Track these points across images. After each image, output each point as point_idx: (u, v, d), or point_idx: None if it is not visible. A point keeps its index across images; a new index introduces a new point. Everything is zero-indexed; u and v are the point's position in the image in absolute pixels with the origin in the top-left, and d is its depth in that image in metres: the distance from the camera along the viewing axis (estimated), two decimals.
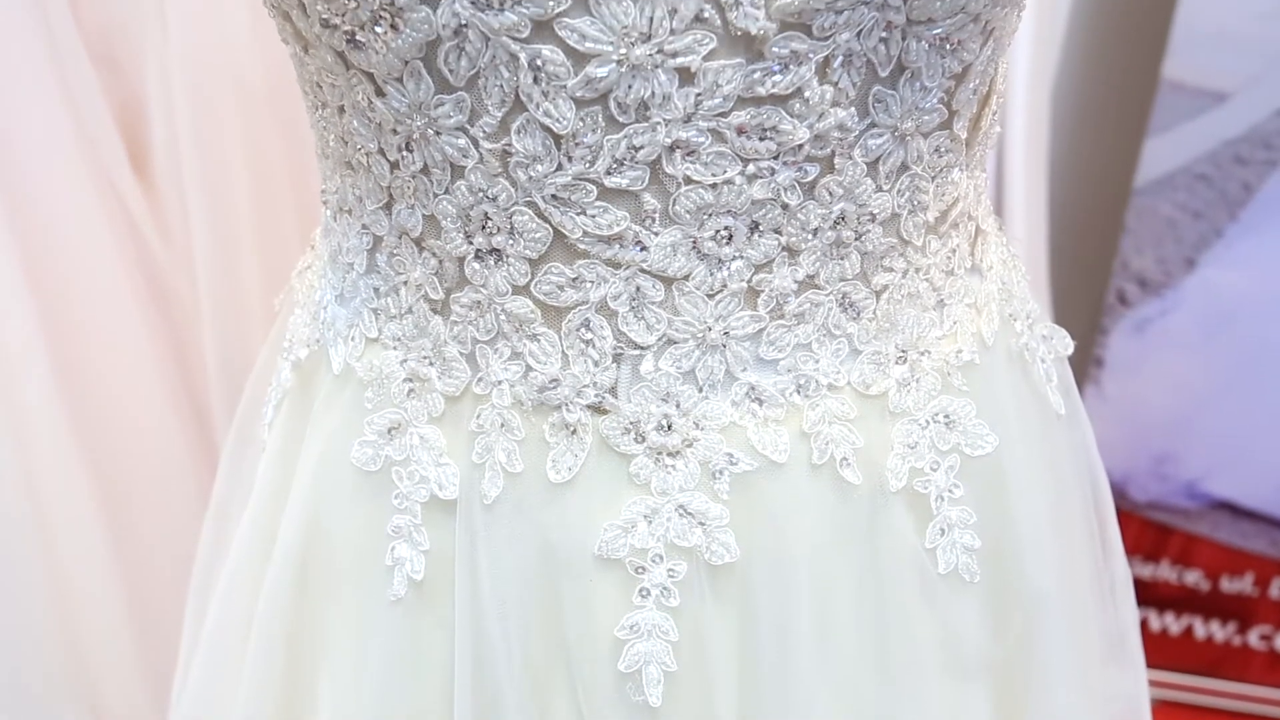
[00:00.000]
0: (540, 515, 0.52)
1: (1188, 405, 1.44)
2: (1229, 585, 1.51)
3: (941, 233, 0.53)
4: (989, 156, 0.57)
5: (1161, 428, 1.46)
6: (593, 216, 0.47)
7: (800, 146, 0.46)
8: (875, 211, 0.49)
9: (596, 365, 0.50)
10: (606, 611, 0.52)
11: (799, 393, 0.52)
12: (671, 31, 0.42)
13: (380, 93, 0.47)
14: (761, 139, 0.45)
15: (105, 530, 1.14)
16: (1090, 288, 1.56)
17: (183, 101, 1.03)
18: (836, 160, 0.47)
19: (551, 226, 0.47)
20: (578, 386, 0.50)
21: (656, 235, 0.47)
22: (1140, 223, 1.39)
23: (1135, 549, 1.52)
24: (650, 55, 0.43)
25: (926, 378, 0.54)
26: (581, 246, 0.48)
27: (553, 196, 0.47)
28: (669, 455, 0.51)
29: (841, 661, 0.54)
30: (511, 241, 0.48)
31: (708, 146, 0.45)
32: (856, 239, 0.50)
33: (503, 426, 0.52)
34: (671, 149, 0.45)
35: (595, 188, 0.46)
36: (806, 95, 0.45)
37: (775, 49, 0.43)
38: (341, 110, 0.50)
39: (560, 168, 0.46)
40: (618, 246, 0.48)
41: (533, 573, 0.53)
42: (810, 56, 0.44)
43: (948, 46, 0.46)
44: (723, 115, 0.44)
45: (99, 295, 1.10)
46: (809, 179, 0.47)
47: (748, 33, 0.43)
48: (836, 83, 0.45)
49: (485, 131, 0.46)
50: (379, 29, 0.44)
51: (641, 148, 0.45)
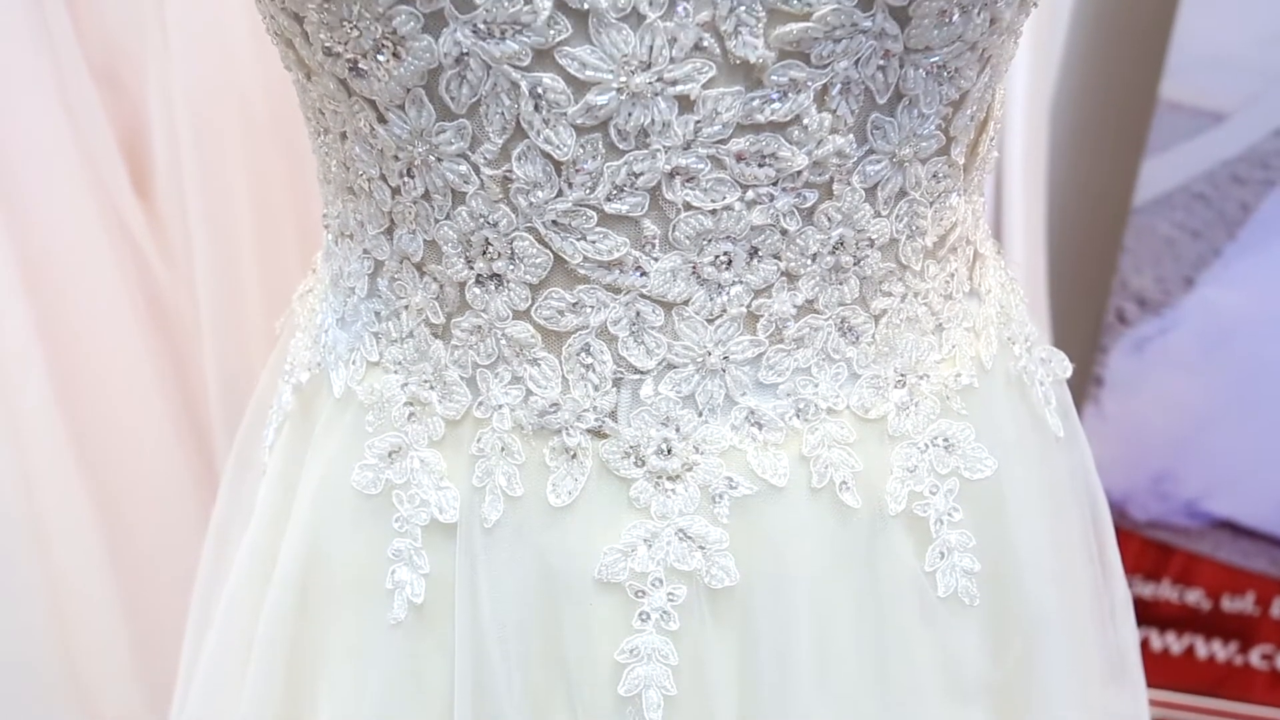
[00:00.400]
0: (540, 539, 0.52)
1: (1187, 424, 1.44)
2: (1230, 605, 1.51)
3: (940, 257, 0.53)
4: (987, 180, 0.58)
5: (1161, 446, 1.46)
6: (593, 242, 0.47)
7: (799, 173, 0.46)
8: (874, 237, 0.49)
9: (596, 390, 0.50)
10: (606, 635, 0.52)
11: (798, 417, 0.52)
12: (671, 60, 0.43)
13: (382, 119, 0.47)
14: (761, 166, 0.46)
15: (105, 548, 1.14)
16: (1089, 306, 1.56)
17: (185, 122, 1.04)
18: (835, 186, 0.47)
19: (552, 252, 0.48)
20: (578, 411, 0.51)
21: (656, 261, 0.47)
22: (1139, 242, 1.39)
23: (1136, 568, 1.52)
24: (650, 83, 0.43)
25: (925, 401, 0.54)
26: (582, 272, 0.48)
27: (553, 222, 0.47)
28: (669, 479, 0.51)
29: (841, 685, 0.54)
30: (512, 267, 0.48)
31: (707, 173, 0.45)
32: (855, 264, 0.50)
33: (503, 450, 0.52)
34: (671, 175, 0.45)
35: (595, 214, 0.46)
36: (805, 122, 0.45)
37: (774, 77, 0.43)
38: (343, 136, 0.50)
39: (561, 194, 0.46)
40: (618, 272, 0.48)
41: (533, 596, 0.53)
42: (809, 84, 0.44)
43: (945, 74, 0.46)
44: (722, 142, 0.45)
45: (100, 314, 1.11)
46: (808, 205, 0.47)
47: (747, 61, 0.43)
48: (835, 110, 0.45)
49: (486, 158, 0.46)
50: (381, 57, 0.44)
51: (641, 174, 0.45)
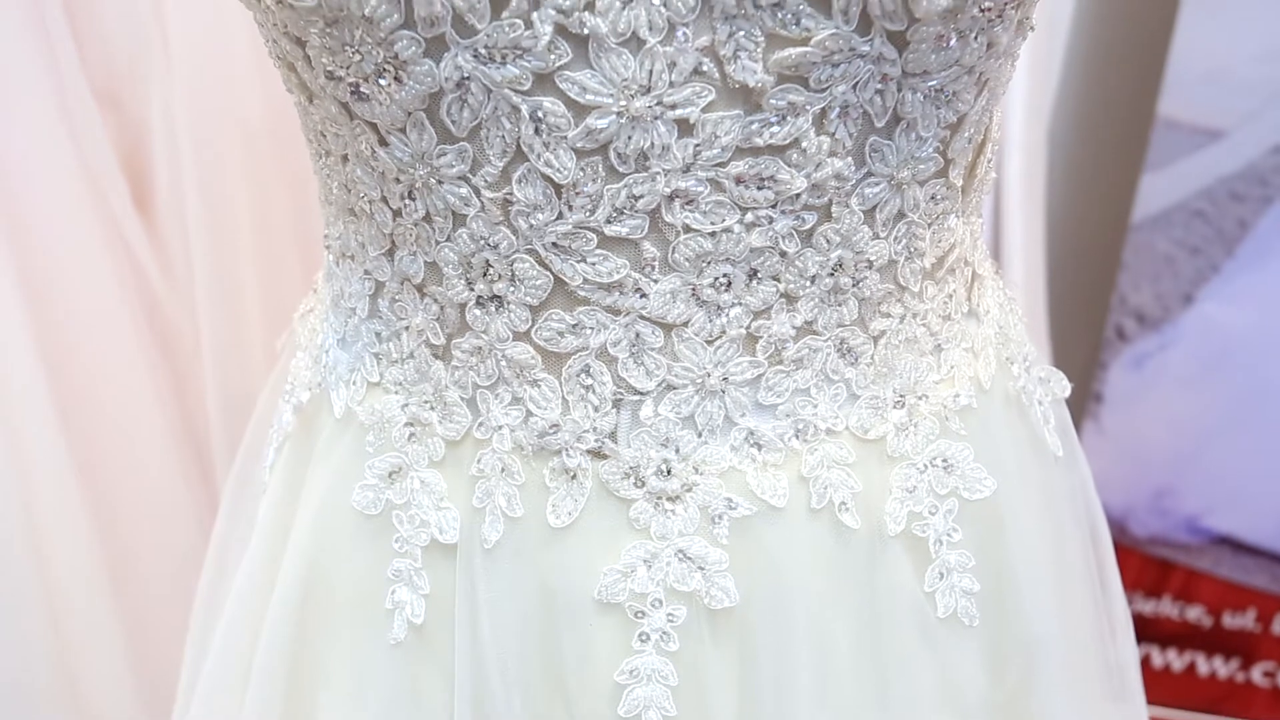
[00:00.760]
0: (540, 559, 0.52)
1: (1187, 440, 1.44)
2: (1231, 621, 1.50)
3: (938, 278, 0.54)
4: (985, 199, 0.58)
5: (1161, 463, 1.46)
6: (593, 264, 0.47)
7: (798, 195, 0.46)
8: (872, 258, 0.50)
9: (596, 410, 0.50)
10: (606, 656, 0.52)
11: (797, 437, 0.52)
12: (671, 84, 0.43)
13: (383, 142, 0.47)
14: (760, 188, 0.46)
15: (104, 565, 1.14)
16: (1089, 323, 1.57)
17: (186, 141, 1.04)
18: (834, 209, 0.48)
19: (552, 274, 0.48)
20: (578, 432, 0.51)
21: (656, 282, 0.48)
22: (1138, 258, 1.39)
23: (1136, 585, 1.52)
24: (650, 107, 0.43)
25: (924, 422, 0.54)
26: (582, 293, 0.48)
27: (553, 244, 0.47)
28: (668, 500, 0.51)
29: (841, 706, 0.54)
30: (512, 288, 0.49)
31: (707, 196, 0.46)
32: (854, 285, 0.50)
33: (503, 471, 0.52)
34: (671, 198, 0.46)
35: (595, 236, 0.47)
36: (804, 146, 0.45)
37: (773, 101, 0.44)
38: (345, 159, 0.50)
39: (561, 216, 0.46)
40: (618, 293, 0.48)
41: (532, 617, 0.53)
42: (807, 108, 0.44)
43: (943, 97, 0.47)
44: (721, 165, 0.45)
45: (100, 331, 1.11)
46: (807, 227, 0.48)
47: (746, 85, 0.43)
48: (833, 133, 0.45)
49: (487, 181, 0.46)
50: (383, 81, 0.45)
51: (641, 197, 0.45)
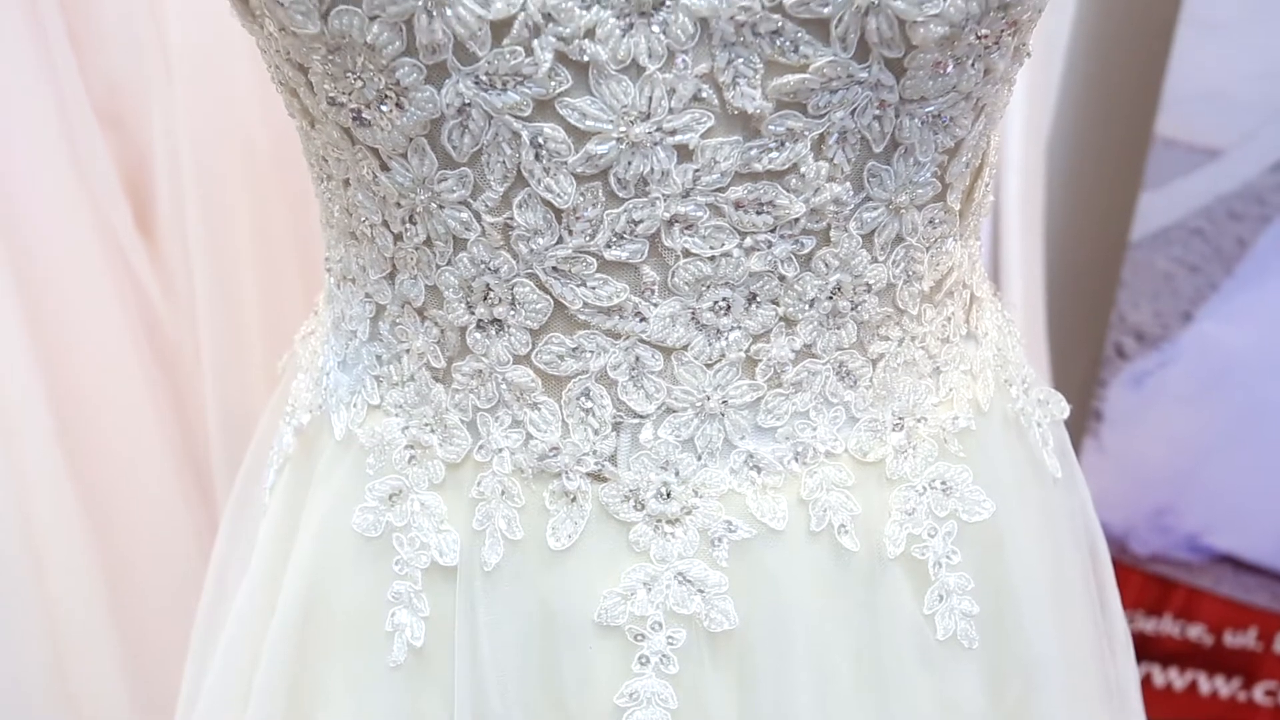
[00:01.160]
0: (540, 582, 0.52)
1: (1187, 458, 1.44)
2: (1233, 640, 1.50)
3: (937, 301, 0.54)
4: (984, 221, 0.58)
5: (1161, 481, 1.46)
6: (593, 288, 0.48)
7: (797, 220, 0.47)
8: (871, 282, 0.50)
9: (596, 434, 0.51)
10: (606, 679, 0.52)
11: (797, 460, 0.52)
12: (670, 110, 0.43)
13: (385, 167, 0.48)
14: (759, 213, 0.46)
15: (104, 584, 1.14)
16: (1088, 341, 1.57)
17: (188, 161, 1.04)
18: (832, 233, 0.48)
19: (552, 298, 0.48)
20: (578, 454, 0.51)
21: (656, 306, 0.48)
22: (1137, 277, 1.40)
23: (1137, 603, 1.51)
24: (649, 133, 0.44)
25: (923, 444, 0.54)
26: (582, 317, 0.48)
27: (553, 269, 0.47)
28: (668, 523, 0.51)
29: None
30: (513, 312, 0.49)
31: (706, 220, 0.46)
32: (853, 309, 0.50)
33: (503, 494, 0.52)
34: (670, 223, 0.46)
35: (595, 260, 0.47)
36: (802, 171, 0.45)
37: (772, 127, 0.44)
38: (346, 183, 0.51)
39: (561, 241, 0.47)
40: (617, 317, 0.48)
41: (532, 640, 0.53)
42: (806, 134, 0.45)
43: (940, 123, 0.47)
44: (720, 190, 0.45)
45: (101, 350, 1.11)
46: (805, 251, 0.48)
47: (745, 111, 0.44)
48: (832, 159, 0.46)
49: (487, 205, 0.46)
50: (385, 107, 0.45)
51: (641, 222, 0.46)
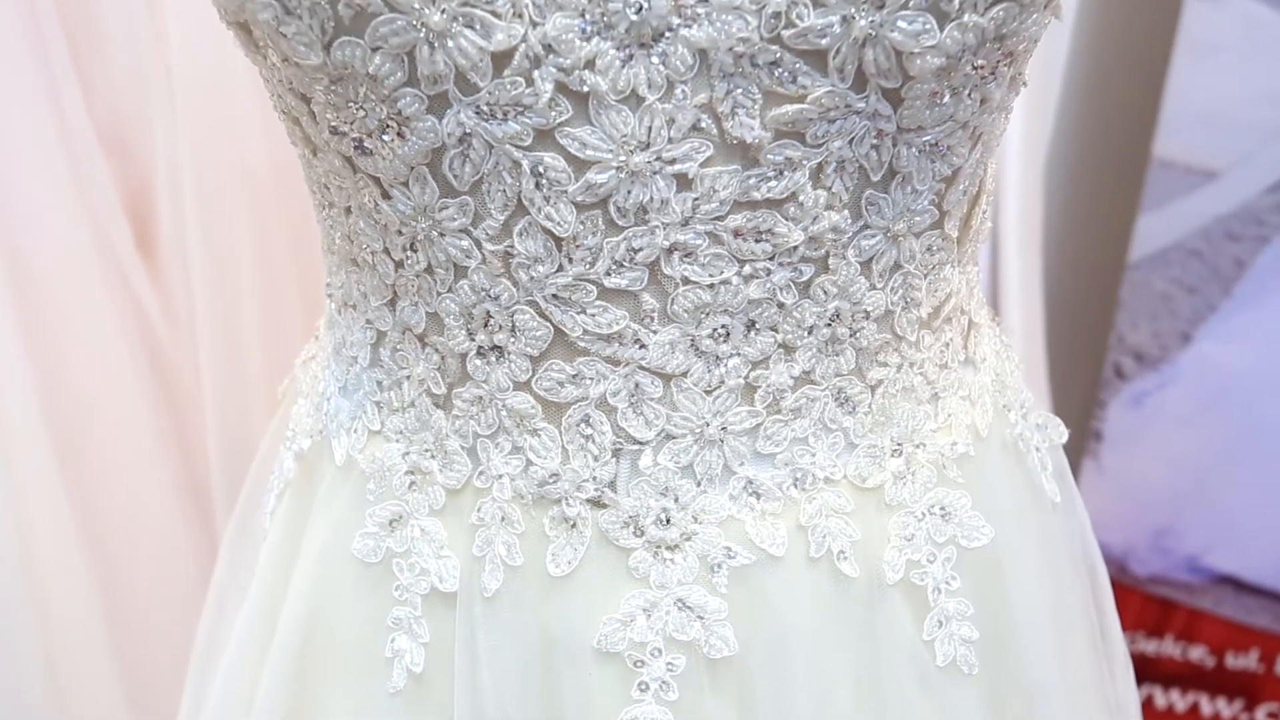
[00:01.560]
0: (540, 608, 0.52)
1: (1187, 479, 1.44)
2: (1234, 662, 1.50)
3: (935, 328, 0.54)
4: (981, 249, 0.59)
5: (1161, 501, 1.46)
6: (593, 315, 0.48)
7: (795, 248, 0.47)
8: (869, 309, 0.50)
9: (596, 460, 0.51)
10: (605, 705, 0.52)
11: (796, 486, 0.52)
12: (669, 140, 0.44)
13: (386, 196, 0.48)
14: (757, 241, 0.47)
15: (103, 608, 1.14)
16: (1087, 361, 1.57)
17: (190, 185, 1.05)
18: (831, 261, 0.48)
19: (552, 325, 0.48)
20: (577, 481, 0.51)
21: (655, 334, 0.48)
22: (1135, 297, 1.40)
23: (1138, 624, 1.51)
24: (649, 162, 0.44)
25: (922, 470, 0.55)
26: (582, 344, 0.49)
27: (553, 296, 0.48)
28: (667, 549, 0.51)
29: None
30: (513, 339, 0.49)
31: (705, 248, 0.46)
32: (851, 336, 0.51)
33: (503, 520, 0.52)
34: (670, 251, 0.46)
35: (595, 288, 0.47)
36: (801, 199, 0.46)
37: (770, 156, 0.44)
38: (348, 211, 0.51)
39: (561, 269, 0.47)
40: (617, 344, 0.49)
41: (532, 666, 0.53)
42: (804, 163, 0.45)
43: (937, 152, 0.47)
44: (720, 219, 0.46)
45: (102, 373, 1.11)
46: (804, 279, 0.48)
47: (743, 141, 0.44)
48: (830, 187, 0.46)
49: (488, 234, 0.47)
50: (386, 137, 0.45)
51: (640, 250, 0.46)
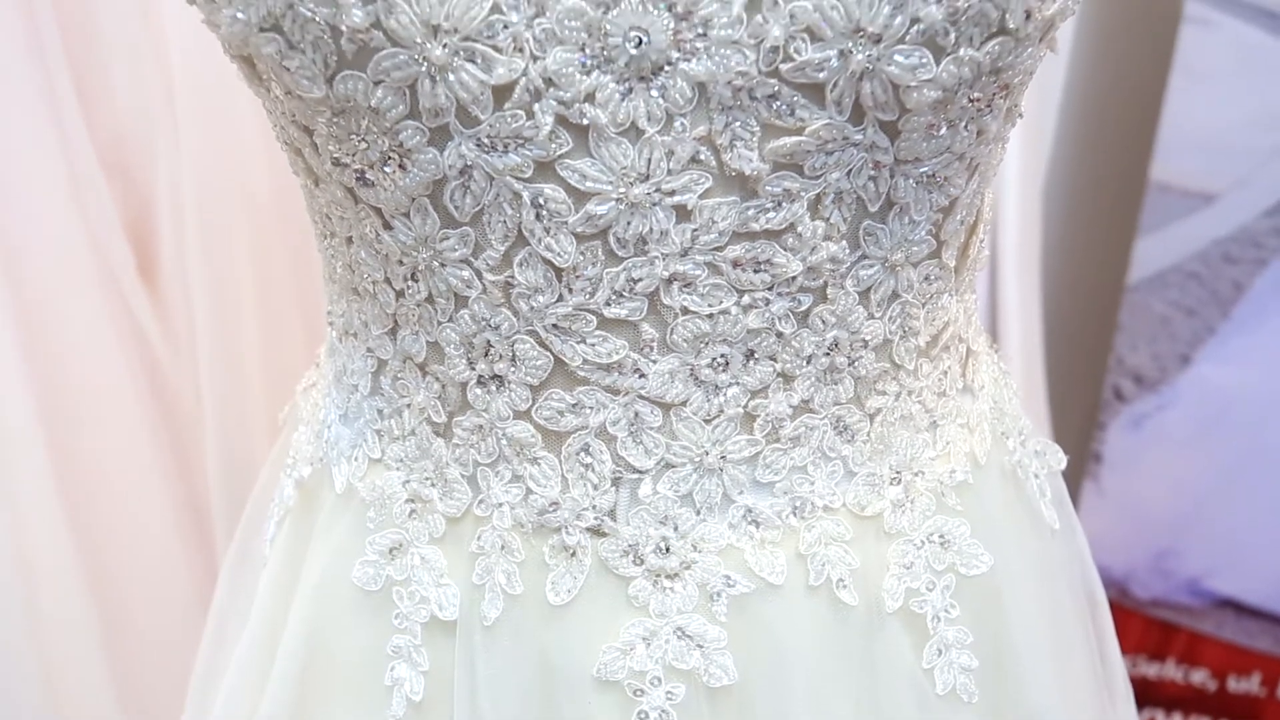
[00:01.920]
0: (540, 637, 0.52)
1: (1188, 501, 1.44)
2: (1236, 685, 1.49)
3: (933, 356, 0.54)
4: (979, 276, 0.59)
5: (1162, 524, 1.45)
6: (592, 345, 0.48)
7: (794, 278, 0.47)
8: (867, 338, 0.50)
9: (596, 489, 0.51)
10: None
11: (795, 514, 0.52)
12: (669, 172, 0.44)
13: (388, 226, 0.48)
14: (756, 271, 0.47)
15: (102, 633, 1.14)
16: (1087, 383, 1.57)
17: (192, 212, 1.05)
18: (829, 290, 0.48)
19: (552, 354, 0.49)
20: (577, 509, 0.51)
21: (655, 363, 0.48)
22: (1134, 320, 1.40)
23: (1139, 648, 1.51)
24: (648, 194, 0.44)
25: (921, 498, 0.55)
26: (581, 374, 0.49)
27: (553, 326, 0.48)
28: (667, 577, 0.51)
29: None
30: (513, 368, 0.49)
31: (704, 279, 0.47)
32: (850, 364, 0.51)
33: (503, 548, 0.52)
34: (669, 281, 0.47)
35: (595, 318, 0.47)
36: (799, 230, 0.46)
37: (769, 187, 0.45)
38: (349, 241, 0.51)
39: (561, 299, 0.47)
40: (617, 374, 0.49)
41: (532, 694, 0.53)
42: (802, 194, 0.45)
43: (934, 183, 0.48)
44: (719, 249, 0.46)
45: (103, 397, 1.11)
46: (802, 308, 0.48)
47: (742, 173, 0.44)
48: (828, 218, 0.46)
49: (488, 264, 0.47)
50: (388, 168, 0.46)
51: (640, 280, 0.46)
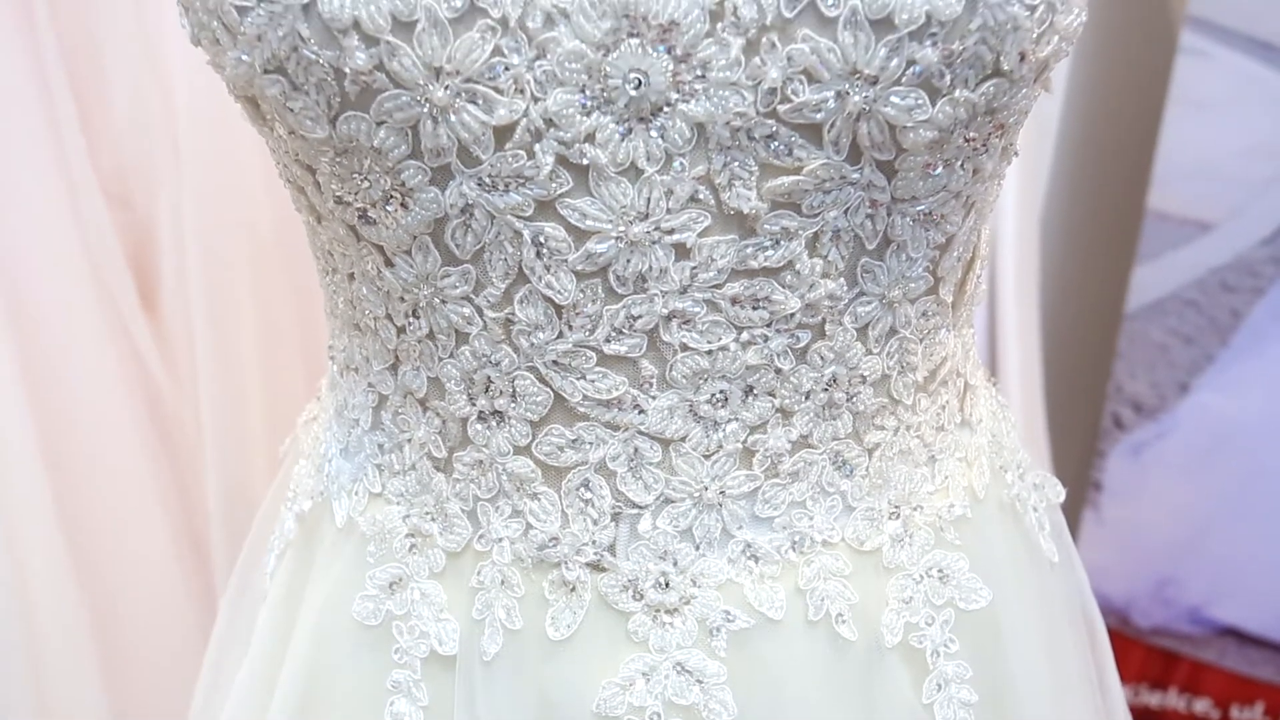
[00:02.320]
0: (539, 672, 0.52)
1: (1188, 529, 1.44)
2: (1239, 715, 1.48)
3: (931, 391, 0.55)
4: (978, 309, 0.59)
5: (1162, 552, 1.45)
6: (592, 381, 0.48)
7: (792, 315, 0.48)
8: (866, 374, 0.51)
9: (595, 524, 0.51)
10: None
11: (794, 549, 0.52)
12: (668, 211, 0.44)
13: (389, 263, 0.49)
14: (755, 308, 0.47)
15: (100, 663, 1.13)
16: (1086, 412, 1.57)
17: (194, 243, 1.06)
18: (827, 327, 0.49)
19: (552, 390, 0.49)
20: (577, 545, 0.51)
21: (654, 399, 0.49)
22: (1133, 347, 1.41)
23: (1141, 676, 1.50)
24: (648, 232, 0.45)
25: (920, 533, 0.55)
26: (581, 409, 0.49)
27: (554, 362, 0.48)
28: (667, 613, 0.51)
29: None
30: (513, 404, 0.50)
31: (703, 316, 0.47)
32: (848, 400, 0.51)
33: (503, 583, 0.52)
34: (668, 318, 0.47)
35: (595, 354, 0.48)
36: (797, 268, 0.47)
37: (767, 226, 0.45)
38: (351, 277, 0.52)
39: (561, 335, 0.48)
40: (616, 410, 0.49)
41: None
42: (800, 232, 0.46)
43: (931, 220, 0.48)
44: (717, 287, 0.46)
45: (103, 426, 1.11)
46: (801, 345, 0.49)
47: (740, 211, 0.45)
48: (826, 256, 0.47)
49: (489, 301, 0.48)
50: (390, 207, 0.46)
51: (640, 317, 0.47)
